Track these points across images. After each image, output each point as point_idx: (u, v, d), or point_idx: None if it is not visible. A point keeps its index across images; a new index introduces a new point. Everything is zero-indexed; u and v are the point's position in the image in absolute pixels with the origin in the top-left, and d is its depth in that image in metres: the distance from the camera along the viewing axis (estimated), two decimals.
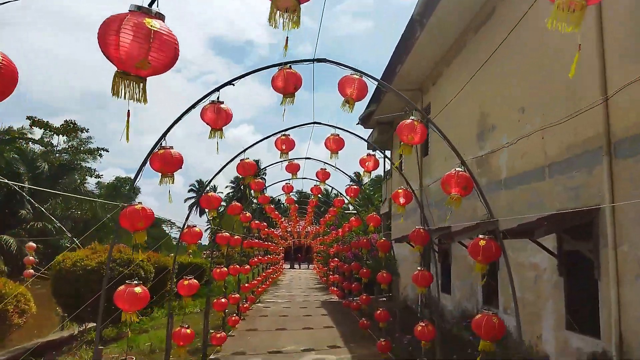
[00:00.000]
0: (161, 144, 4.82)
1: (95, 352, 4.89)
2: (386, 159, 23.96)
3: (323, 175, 9.15)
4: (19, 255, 26.72)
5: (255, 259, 17.22)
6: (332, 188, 11.01)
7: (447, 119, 13.47)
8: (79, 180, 38.08)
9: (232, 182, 65.62)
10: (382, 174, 23.84)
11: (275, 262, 32.11)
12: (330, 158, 6.58)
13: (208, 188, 7.96)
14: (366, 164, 6.75)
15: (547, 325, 8.76)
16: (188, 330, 6.73)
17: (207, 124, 4.93)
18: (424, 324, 6.59)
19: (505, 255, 4.86)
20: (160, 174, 4.84)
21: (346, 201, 12.42)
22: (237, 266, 12.10)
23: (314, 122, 6.62)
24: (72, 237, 24.12)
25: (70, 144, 43.17)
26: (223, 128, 4.99)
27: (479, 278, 11.84)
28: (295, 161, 9.09)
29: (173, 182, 4.87)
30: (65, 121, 42.89)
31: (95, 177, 43.55)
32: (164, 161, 4.76)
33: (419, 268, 6.62)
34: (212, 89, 4.98)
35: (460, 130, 12.90)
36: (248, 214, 11.97)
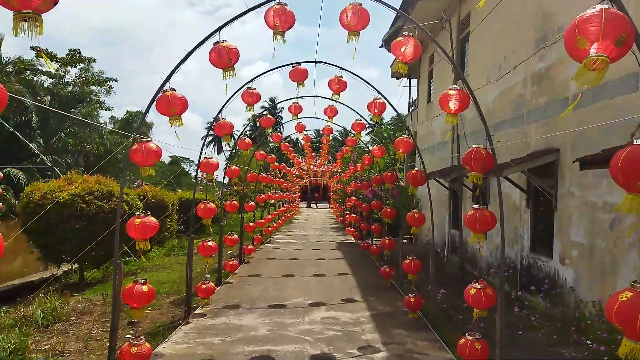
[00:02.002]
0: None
1: None
2: (411, 89, 21.48)
3: (337, 87, 6.91)
4: None
5: (264, 196, 15.33)
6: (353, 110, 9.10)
7: (494, 25, 10.88)
8: (86, 111, 36.37)
9: (248, 119, 63.85)
10: (407, 105, 21.35)
11: (290, 200, 30.48)
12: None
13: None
14: (402, 49, 4.48)
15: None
16: (144, 287, 4.77)
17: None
18: (479, 286, 4.56)
19: None
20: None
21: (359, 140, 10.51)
22: (235, 202, 10.18)
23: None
24: (52, 166, 22.56)
25: (82, 76, 41.38)
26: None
27: (525, 219, 9.78)
28: (303, 65, 6.89)
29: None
30: (70, 50, 40.78)
31: (106, 110, 42.08)
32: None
33: (474, 206, 4.51)
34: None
35: (511, 38, 10.39)
36: (248, 140, 9.91)
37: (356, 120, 9.61)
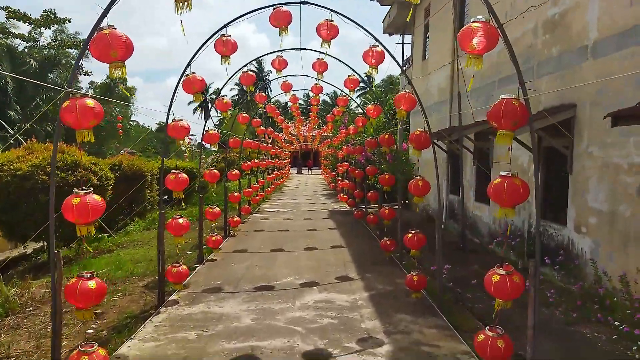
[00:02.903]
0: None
1: None
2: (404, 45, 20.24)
3: (328, 33, 5.84)
4: None
5: (250, 163, 14.33)
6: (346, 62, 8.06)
7: None
8: (63, 76, 34.56)
9: (236, 84, 61.67)
10: (401, 63, 20.12)
11: (279, 166, 29.49)
12: None
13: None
14: None
15: None
16: (91, 284, 3.78)
17: None
18: (504, 272, 3.68)
19: None
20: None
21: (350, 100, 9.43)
22: (216, 171, 9.18)
23: None
24: (16, 134, 21.28)
25: (57, 38, 39.19)
26: None
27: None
28: (286, 8, 5.80)
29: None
30: (45, 11, 38.44)
31: (85, 75, 40.09)
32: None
33: (502, 173, 3.59)
34: None
35: None
36: (227, 101, 8.84)
37: (349, 76, 8.55)
